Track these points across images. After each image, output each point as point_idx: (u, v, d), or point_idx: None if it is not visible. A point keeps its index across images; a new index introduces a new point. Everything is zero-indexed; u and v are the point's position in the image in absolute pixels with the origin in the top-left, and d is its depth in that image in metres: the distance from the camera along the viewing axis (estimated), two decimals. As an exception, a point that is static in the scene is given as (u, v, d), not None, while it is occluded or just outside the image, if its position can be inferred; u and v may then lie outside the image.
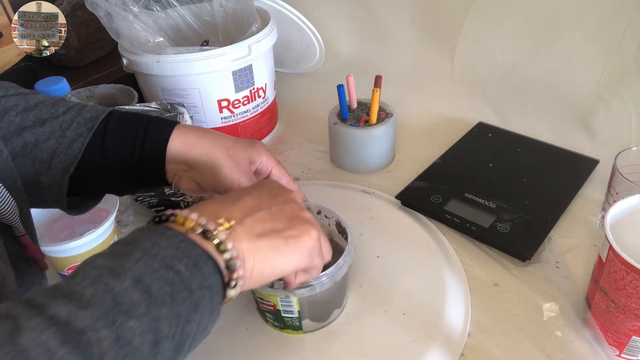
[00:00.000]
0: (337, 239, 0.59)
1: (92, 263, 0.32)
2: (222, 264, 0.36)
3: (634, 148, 0.62)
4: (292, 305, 0.51)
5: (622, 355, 0.51)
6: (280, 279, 0.46)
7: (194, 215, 0.36)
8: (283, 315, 0.53)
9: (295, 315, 0.52)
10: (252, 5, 0.87)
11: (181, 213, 0.37)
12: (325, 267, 0.49)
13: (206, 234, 0.36)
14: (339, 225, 0.58)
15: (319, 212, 0.58)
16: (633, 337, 0.48)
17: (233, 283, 0.36)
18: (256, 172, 0.51)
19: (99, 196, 0.53)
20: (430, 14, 0.92)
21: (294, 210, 0.42)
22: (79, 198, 0.50)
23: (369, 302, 0.58)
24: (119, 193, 0.55)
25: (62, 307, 0.28)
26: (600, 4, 0.74)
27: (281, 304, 0.51)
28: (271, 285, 0.50)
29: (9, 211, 0.41)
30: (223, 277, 0.36)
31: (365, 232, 0.67)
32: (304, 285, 0.49)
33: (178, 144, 0.48)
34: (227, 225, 0.37)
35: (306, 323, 0.54)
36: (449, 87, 0.94)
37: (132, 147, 0.48)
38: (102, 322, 0.28)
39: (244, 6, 0.88)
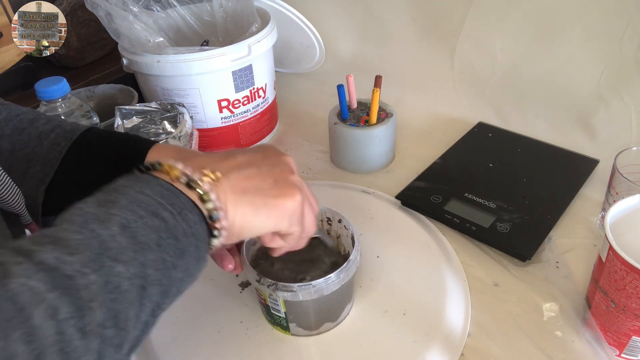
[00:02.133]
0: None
1: (78, 210, 0.32)
2: (205, 214, 0.36)
3: (634, 148, 0.62)
4: (278, 305, 0.51)
5: (622, 355, 0.51)
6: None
7: (179, 165, 0.37)
8: (272, 311, 0.53)
9: (282, 315, 0.52)
10: (252, 5, 0.87)
11: (167, 161, 0.37)
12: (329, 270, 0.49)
13: (190, 184, 0.36)
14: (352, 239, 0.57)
15: (339, 221, 0.58)
16: (633, 337, 0.48)
17: (216, 232, 0.37)
18: None
19: None
20: (431, 14, 0.92)
21: (283, 172, 0.43)
22: (54, 219, 0.49)
23: (369, 302, 0.58)
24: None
25: (50, 253, 0.28)
26: (600, 3, 0.74)
27: (269, 300, 0.51)
28: (258, 280, 0.49)
29: (14, 200, 0.41)
30: (208, 225, 0.36)
31: (365, 232, 0.67)
32: (288, 289, 0.49)
33: (155, 158, 0.48)
34: (212, 176, 0.38)
35: (293, 327, 0.54)
36: (449, 87, 0.94)
37: (108, 162, 0.48)
38: (90, 267, 0.28)
39: (244, 6, 0.88)
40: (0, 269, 0.26)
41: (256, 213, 0.39)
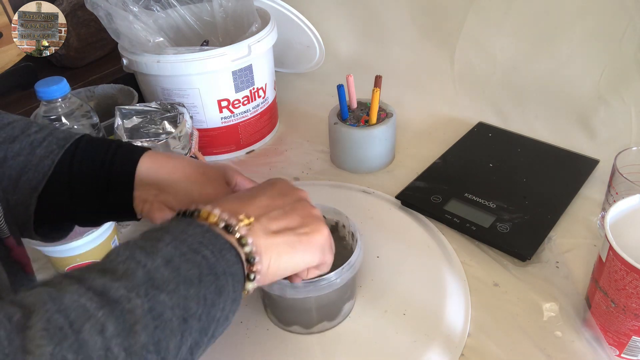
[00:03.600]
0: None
1: (123, 245, 0.34)
2: (242, 257, 0.38)
3: (634, 148, 0.62)
4: None
5: (622, 355, 0.51)
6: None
7: (216, 211, 0.38)
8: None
9: None
10: (252, 5, 0.87)
11: (205, 208, 0.38)
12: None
13: (228, 228, 0.38)
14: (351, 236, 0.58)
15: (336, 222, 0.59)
16: (633, 337, 0.48)
17: (252, 276, 0.38)
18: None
19: (66, 227, 0.52)
20: (431, 14, 0.92)
21: (305, 208, 0.44)
22: (46, 228, 0.49)
23: (369, 302, 0.58)
24: (86, 223, 0.54)
25: (98, 279, 0.29)
26: (600, 4, 0.74)
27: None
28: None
29: None
30: (244, 268, 0.38)
31: (365, 232, 0.67)
32: (292, 286, 0.49)
33: (146, 166, 0.48)
34: (247, 221, 0.39)
35: (295, 328, 0.54)
36: (449, 87, 0.94)
37: (100, 168, 0.47)
38: (135, 293, 0.30)
39: (244, 6, 0.88)
40: (53, 289, 0.28)
41: (293, 251, 0.41)
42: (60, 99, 0.67)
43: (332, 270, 0.49)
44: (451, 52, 0.92)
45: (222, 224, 0.38)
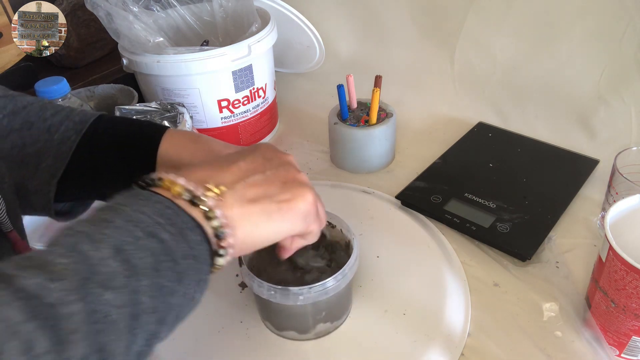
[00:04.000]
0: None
1: (69, 229, 0.30)
2: (210, 232, 0.34)
3: (634, 148, 0.62)
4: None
5: (622, 355, 0.51)
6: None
7: (181, 180, 0.35)
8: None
9: None
10: (252, 5, 0.87)
11: (167, 177, 0.35)
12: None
13: (194, 200, 0.34)
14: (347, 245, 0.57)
15: (333, 227, 0.58)
16: (633, 337, 0.48)
17: (222, 251, 0.35)
18: None
19: (87, 202, 0.51)
20: (431, 14, 0.92)
21: (289, 173, 0.41)
22: (67, 205, 0.49)
23: (369, 302, 0.58)
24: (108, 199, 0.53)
25: (33, 278, 0.26)
26: (600, 4, 0.74)
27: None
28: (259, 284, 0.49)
29: None
30: (211, 245, 0.35)
31: (365, 232, 0.67)
32: (286, 293, 0.48)
33: (168, 147, 0.47)
34: (216, 191, 0.36)
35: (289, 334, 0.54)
36: (449, 87, 0.94)
37: (121, 150, 0.47)
38: (74, 295, 0.26)
39: (243, 6, 0.88)
40: None
41: (270, 220, 0.38)
42: (60, 99, 0.67)
43: (329, 275, 0.49)
44: (451, 52, 0.92)
45: (186, 196, 0.34)
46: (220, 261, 0.35)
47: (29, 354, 0.23)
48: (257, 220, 0.37)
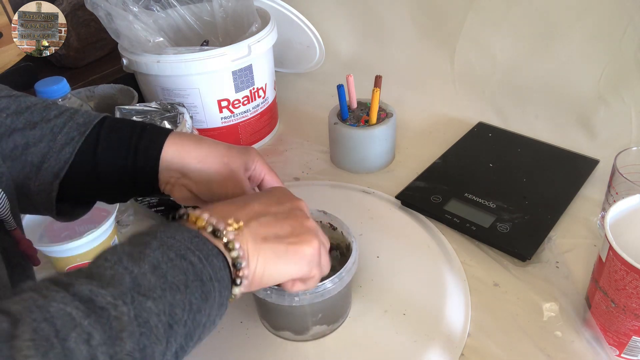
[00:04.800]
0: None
1: (111, 249, 0.34)
2: (230, 261, 0.38)
3: (634, 148, 0.62)
4: None
5: (622, 355, 0.51)
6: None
7: (205, 215, 0.38)
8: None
9: None
10: (252, 5, 0.87)
11: (193, 212, 0.39)
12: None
13: (216, 233, 0.38)
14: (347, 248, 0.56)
15: (334, 229, 0.58)
16: (633, 337, 0.48)
17: (239, 281, 0.38)
18: (249, 179, 0.51)
19: (89, 203, 0.52)
20: (431, 14, 0.92)
21: (298, 218, 0.44)
22: (69, 205, 0.49)
23: (369, 302, 0.58)
24: (110, 200, 0.53)
25: (85, 285, 0.29)
26: (600, 4, 0.74)
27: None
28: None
29: (0, 205, 0.41)
30: (231, 273, 0.38)
31: (365, 232, 0.67)
32: (282, 294, 0.49)
33: (172, 151, 0.48)
34: (235, 225, 0.39)
35: (286, 334, 0.54)
36: (449, 87, 0.94)
37: (125, 153, 0.47)
38: (121, 300, 0.30)
39: (243, 6, 0.88)
40: (41, 295, 0.28)
41: (278, 260, 0.41)
42: (60, 99, 0.67)
43: (327, 277, 0.49)
44: (451, 52, 0.92)
45: (209, 229, 0.38)
46: (235, 290, 0.39)
47: (88, 344, 0.27)
48: (267, 257, 0.40)
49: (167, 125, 0.69)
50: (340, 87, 0.77)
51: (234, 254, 0.38)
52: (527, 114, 0.86)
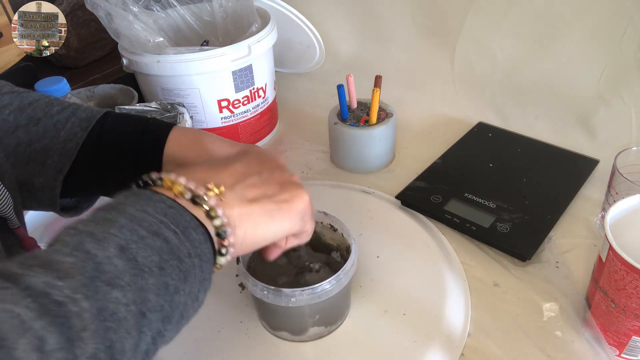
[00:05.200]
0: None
1: (72, 229, 0.30)
2: (212, 231, 0.35)
3: (634, 148, 0.62)
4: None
5: (622, 355, 0.51)
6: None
7: (182, 179, 0.35)
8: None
9: None
10: (252, 5, 0.87)
11: (168, 176, 0.35)
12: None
13: (195, 200, 0.34)
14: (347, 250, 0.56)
15: (335, 230, 0.58)
16: (633, 337, 0.48)
17: (224, 250, 0.35)
18: None
19: (93, 198, 0.52)
20: (431, 13, 0.92)
21: (284, 175, 0.42)
22: (72, 200, 0.49)
23: (369, 302, 0.58)
24: (113, 195, 0.53)
25: (39, 277, 0.25)
26: (600, 4, 0.74)
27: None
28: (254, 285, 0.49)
29: (3, 203, 0.41)
30: (213, 244, 0.35)
31: (365, 232, 0.67)
32: (281, 294, 0.48)
33: (174, 146, 0.47)
34: (216, 190, 0.36)
35: (284, 334, 0.54)
36: (449, 87, 0.94)
37: (128, 148, 0.47)
38: (82, 293, 0.26)
39: (243, 6, 0.88)
40: None
41: (271, 220, 0.39)
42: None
43: (326, 278, 0.49)
44: (451, 52, 0.92)
45: (188, 195, 0.34)
46: (221, 260, 0.36)
47: (41, 350, 0.23)
48: (257, 219, 0.38)
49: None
50: (340, 87, 0.77)
51: (217, 222, 0.34)
52: (527, 114, 0.86)
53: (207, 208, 0.34)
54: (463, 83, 0.93)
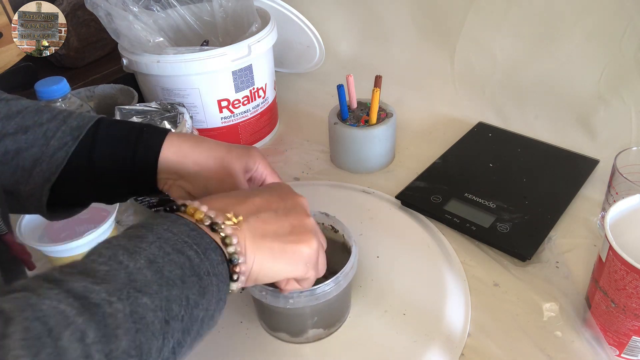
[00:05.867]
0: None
1: (106, 243, 0.33)
2: (227, 257, 0.37)
3: (634, 148, 0.62)
4: None
5: (622, 355, 0.51)
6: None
7: (203, 208, 0.38)
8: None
9: None
10: (252, 5, 0.87)
11: (192, 204, 0.38)
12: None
13: (213, 227, 0.37)
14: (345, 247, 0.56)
15: (336, 231, 0.57)
16: (633, 337, 0.48)
17: (235, 276, 0.37)
18: (250, 180, 0.50)
19: (86, 204, 0.51)
20: (431, 14, 0.92)
21: (299, 216, 0.43)
22: (63, 205, 0.48)
23: (369, 302, 0.58)
24: (108, 202, 0.52)
25: (78, 282, 0.29)
26: (600, 3, 0.74)
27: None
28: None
29: None
30: (229, 267, 0.37)
31: (365, 232, 0.67)
32: (279, 295, 0.48)
33: (170, 154, 0.47)
34: (234, 220, 0.38)
35: (283, 335, 0.54)
36: (449, 87, 0.94)
37: (122, 155, 0.47)
38: (116, 297, 0.29)
39: (243, 6, 0.88)
40: (33, 293, 0.27)
41: (274, 259, 0.40)
42: (60, 99, 0.67)
43: (327, 278, 0.48)
44: (451, 52, 0.92)
45: (207, 222, 0.37)
46: (233, 286, 0.38)
47: (82, 342, 0.26)
48: (263, 256, 0.39)
49: (167, 125, 0.69)
50: (340, 87, 0.77)
51: (231, 249, 0.37)
52: (527, 114, 0.86)
53: (224, 235, 0.37)
54: (463, 83, 0.93)
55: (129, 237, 0.34)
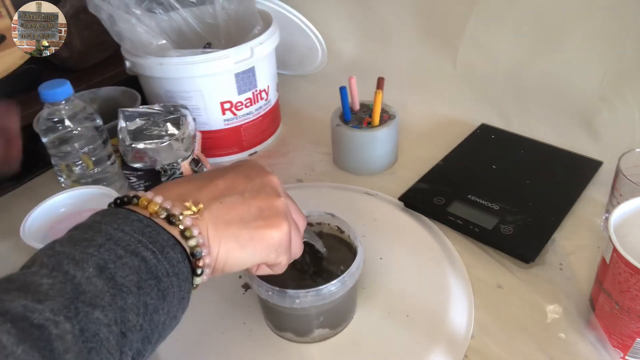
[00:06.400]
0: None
1: (49, 249, 0.29)
2: (187, 251, 0.34)
3: (638, 149, 0.62)
4: None
5: (627, 357, 0.50)
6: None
7: (158, 199, 0.34)
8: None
9: None
10: (255, 8, 0.87)
11: (145, 195, 0.34)
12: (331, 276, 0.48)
13: (171, 219, 0.34)
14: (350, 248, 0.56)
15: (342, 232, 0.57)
16: (637, 339, 0.48)
17: (199, 271, 0.34)
18: None
19: None
20: (433, 15, 0.92)
21: (268, 198, 0.39)
22: None
23: (372, 304, 0.58)
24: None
25: (17, 301, 0.25)
26: (604, 4, 0.74)
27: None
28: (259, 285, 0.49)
29: None
30: (191, 263, 0.34)
31: (368, 234, 0.67)
32: (285, 295, 0.48)
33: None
34: (194, 209, 0.35)
35: (289, 335, 0.54)
36: (452, 89, 0.94)
37: None
38: (63, 315, 0.25)
39: (246, 8, 0.88)
40: None
41: (242, 248, 0.37)
42: (63, 102, 0.67)
43: (331, 279, 0.48)
44: (454, 54, 0.92)
45: (163, 215, 0.33)
46: (197, 280, 0.35)
47: None
48: (228, 245, 0.36)
49: (170, 127, 0.69)
50: (342, 89, 0.77)
51: (192, 242, 0.34)
52: (530, 115, 0.86)
53: (182, 227, 0.34)
54: (466, 84, 0.93)
55: (75, 241, 0.30)
